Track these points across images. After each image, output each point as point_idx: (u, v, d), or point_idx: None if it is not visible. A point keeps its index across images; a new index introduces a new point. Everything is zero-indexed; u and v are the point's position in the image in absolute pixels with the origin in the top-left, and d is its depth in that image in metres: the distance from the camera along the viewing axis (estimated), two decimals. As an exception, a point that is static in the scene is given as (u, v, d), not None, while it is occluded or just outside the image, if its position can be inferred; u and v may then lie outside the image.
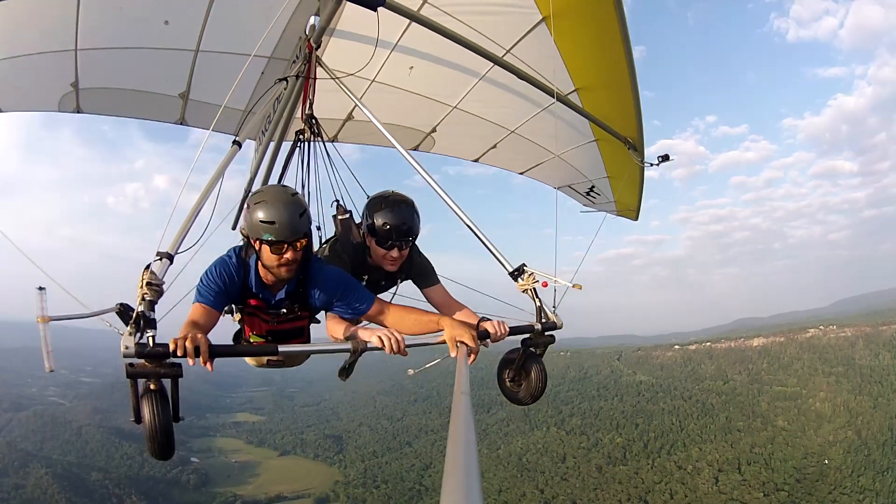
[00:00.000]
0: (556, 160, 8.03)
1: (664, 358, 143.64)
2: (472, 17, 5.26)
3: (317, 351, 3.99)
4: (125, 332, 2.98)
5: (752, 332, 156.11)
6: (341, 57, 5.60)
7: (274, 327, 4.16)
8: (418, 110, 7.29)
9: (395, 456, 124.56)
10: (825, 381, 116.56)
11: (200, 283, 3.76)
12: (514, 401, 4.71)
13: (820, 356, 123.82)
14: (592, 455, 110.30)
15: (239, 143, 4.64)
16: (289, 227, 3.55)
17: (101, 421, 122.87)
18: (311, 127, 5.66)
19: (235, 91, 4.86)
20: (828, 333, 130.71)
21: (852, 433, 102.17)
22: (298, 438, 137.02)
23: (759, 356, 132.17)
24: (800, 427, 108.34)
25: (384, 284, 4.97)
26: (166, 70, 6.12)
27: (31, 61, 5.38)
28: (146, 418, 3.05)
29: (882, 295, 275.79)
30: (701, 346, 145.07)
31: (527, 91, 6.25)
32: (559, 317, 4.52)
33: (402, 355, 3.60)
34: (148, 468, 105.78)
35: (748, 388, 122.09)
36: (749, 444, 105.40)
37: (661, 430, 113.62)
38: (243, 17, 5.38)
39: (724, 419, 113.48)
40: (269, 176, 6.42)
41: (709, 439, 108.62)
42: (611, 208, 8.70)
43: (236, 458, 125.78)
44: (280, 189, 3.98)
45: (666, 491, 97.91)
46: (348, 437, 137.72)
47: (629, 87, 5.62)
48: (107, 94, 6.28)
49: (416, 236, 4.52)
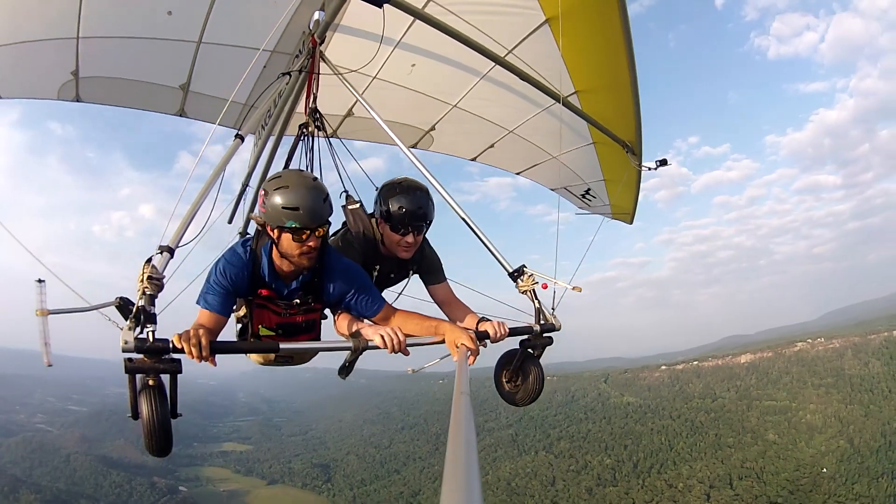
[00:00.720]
0: (553, 161, 7.96)
1: (651, 379, 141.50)
2: (475, 16, 5.16)
3: (318, 348, 3.96)
4: (124, 327, 2.91)
5: (740, 348, 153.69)
6: (343, 53, 5.58)
7: (285, 320, 3.95)
8: (418, 108, 7.17)
9: (384, 483, 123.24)
10: (815, 392, 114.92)
11: (207, 283, 3.62)
12: (511, 402, 4.62)
13: (809, 369, 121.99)
14: (582, 477, 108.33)
15: (241, 136, 4.47)
16: (313, 213, 3.42)
17: (89, 449, 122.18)
18: (316, 121, 5.48)
19: (238, 85, 4.70)
20: (816, 346, 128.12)
21: (845, 442, 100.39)
22: (286, 467, 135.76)
23: (748, 372, 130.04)
24: (791, 440, 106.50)
25: (394, 277, 4.90)
26: (167, 61, 5.99)
27: (32, 48, 5.25)
28: (144, 414, 2.99)
29: (870, 304, 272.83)
30: (688, 366, 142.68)
31: (527, 92, 6.16)
32: (558, 319, 4.44)
33: (403, 355, 3.52)
34: (136, 497, 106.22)
35: (737, 405, 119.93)
36: (740, 459, 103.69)
37: (650, 450, 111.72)
38: (247, 10, 5.29)
39: (713, 436, 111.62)
40: (269, 170, 6.27)
41: (699, 457, 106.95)
42: (606, 211, 8.58)
43: (224, 486, 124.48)
44: (301, 173, 3.78)
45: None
46: (336, 466, 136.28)
47: (630, 90, 5.50)
48: (107, 83, 6.15)
49: (431, 222, 4.44)
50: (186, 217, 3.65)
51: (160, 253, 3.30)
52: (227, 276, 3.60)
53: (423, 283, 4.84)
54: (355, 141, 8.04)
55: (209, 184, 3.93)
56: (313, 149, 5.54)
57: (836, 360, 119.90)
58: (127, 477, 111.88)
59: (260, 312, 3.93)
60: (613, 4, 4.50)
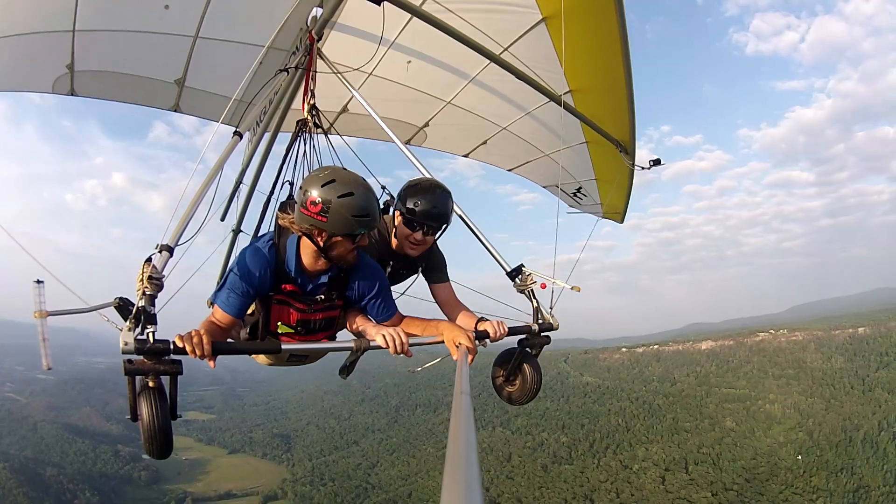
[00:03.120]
0: (545, 159, 7.66)
1: (611, 360, 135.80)
2: (472, 14, 4.95)
3: (319, 349, 3.76)
4: (124, 328, 2.71)
5: (702, 335, 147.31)
6: (339, 49, 5.37)
7: (307, 316, 3.66)
8: (412, 105, 6.92)
9: (342, 455, 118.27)
10: (775, 383, 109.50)
11: (226, 282, 3.35)
12: (509, 400, 4.47)
13: (770, 359, 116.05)
14: (538, 454, 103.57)
15: (240, 133, 4.22)
16: (377, 217, 3.29)
17: (56, 417, 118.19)
18: (314, 118, 5.02)
19: (233, 80, 4.74)
20: (778, 337, 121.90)
21: (804, 434, 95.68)
22: (247, 437, 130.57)
23: (708, 359, 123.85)
24: (749, 428, 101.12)
25: (403, 273, 4.60)
26: (163, 55, 5.70)
27: (28, 41, 4.96)
28: (144, 418, 2.78)
29: (838, 301, 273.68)
30: (648, 349, 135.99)
31: (521, 89, 5.70)
32: (555, 318, 4.26)
33: (406, 356, 3.39)
34: (101, 465, 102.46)
35: (696, 390, 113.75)
36: (696, 444, 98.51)
37: (607, 431, 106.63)
38: (245, 6, 5.12)
39: (670, 420, 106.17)
40: (263, 167, 5.94)
41: (655, 440, 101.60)
42: (597, 210, 8.15)
43: (186, 455, 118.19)
44: (352, 174, 3.38)
45: (612, 490, 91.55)
46: (296, 436, 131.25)
47: (625, 91, 5.29)
48: (102, 77, 5.83)
49: (448, 225, 4.15)
50: (186, 215, 3.41)
51: (160, 252, 3.08)
52: (250, 277, 3.35)
53: (426, 281, 4.51)
54: (348, 137, 6.59)
55: (208, 181, 3.70)
56: (312, 146, 5.13)
57: (798, 353, 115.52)
58: (92, 444, 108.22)
59: (280, 309, 3.61)
60: (611, 5, 4.38)
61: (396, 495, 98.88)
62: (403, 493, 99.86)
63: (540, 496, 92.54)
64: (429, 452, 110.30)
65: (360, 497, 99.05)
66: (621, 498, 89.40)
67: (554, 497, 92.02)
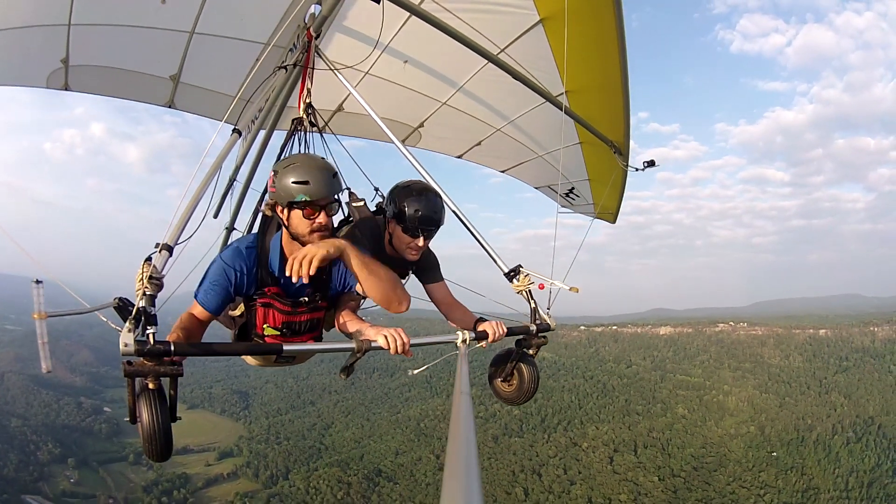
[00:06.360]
0: (538, 160, 6.96)
1: (569, 337, 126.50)
2: (470, 14, 4.65)
3: (320, 350, 3.38)
4: (124, 329, 2.49)
5: (662, 321, 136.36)
6: (335, 47, 5.03)
7: (291, 318, 3.44)
8: (408, 105, 6.24)
9: (298, 414, 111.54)
10: (731, 375, 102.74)
11: (206, 279, 3.16)
12: (507, 400, 4.20)
13: (728, 351, 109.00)
14: (489, 426, 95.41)
15: (239, 131, 4.00)
16: (323, 186, 3.04)
17: (22, 368, 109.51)
18: (310, 116, 4.68)
19: (229, 77, 4.59)
20: (738, 330, 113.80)
21: (755, 428, 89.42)
22: (207, 393, 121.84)
23: (665, 344, 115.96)
24: (700, 417, 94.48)
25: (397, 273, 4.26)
26: (159, 51, 5.17)
27: (22, 34, 4.55)
28: (144, 420, 2.58)
29: (802, 302, 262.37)
30: (607, 329, 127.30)
31: (516, 90, 5.31)
32: (552, 318, 3.99)
33: (406, 356, 3.15)
34: (64, 416, 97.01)
35: (651, 374, 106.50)
36: (647, 427, 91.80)
37: (559, 407, 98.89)
38: (243, 2, 4.75)
39: (623, 401, 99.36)
40: (258, 165, 5.57)
41: (606, 420, 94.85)
42: (589, 210, 7.40)
43: None
44: (309, 154, 3.59)
45: (560, 466, 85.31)
46: (254, 394, 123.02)
47: (621, 92, 4.99)
48: (97, 72, 5.33)
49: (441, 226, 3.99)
50: (185, 213, 3.21)
51: (159, 251, 2.84)
52: (227, 275, 3.15)
53: (420, 281, 4.24)
54: (342, 137, 5.95)
55: (207, 179, 3.47)
56: (307, 144, 4.80)
57: (756, 347, 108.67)
58: (56, 396, 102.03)
59: (265, 312, 3.39)
60: (609, 7, 4.18)
61: (349, 457, 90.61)
62: (356, 455, 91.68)
63: (489, 466, 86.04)
64: (383, 416, 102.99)
65: (314, 458, 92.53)
66: (569, 475, 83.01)
67: (502, 469, 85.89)
